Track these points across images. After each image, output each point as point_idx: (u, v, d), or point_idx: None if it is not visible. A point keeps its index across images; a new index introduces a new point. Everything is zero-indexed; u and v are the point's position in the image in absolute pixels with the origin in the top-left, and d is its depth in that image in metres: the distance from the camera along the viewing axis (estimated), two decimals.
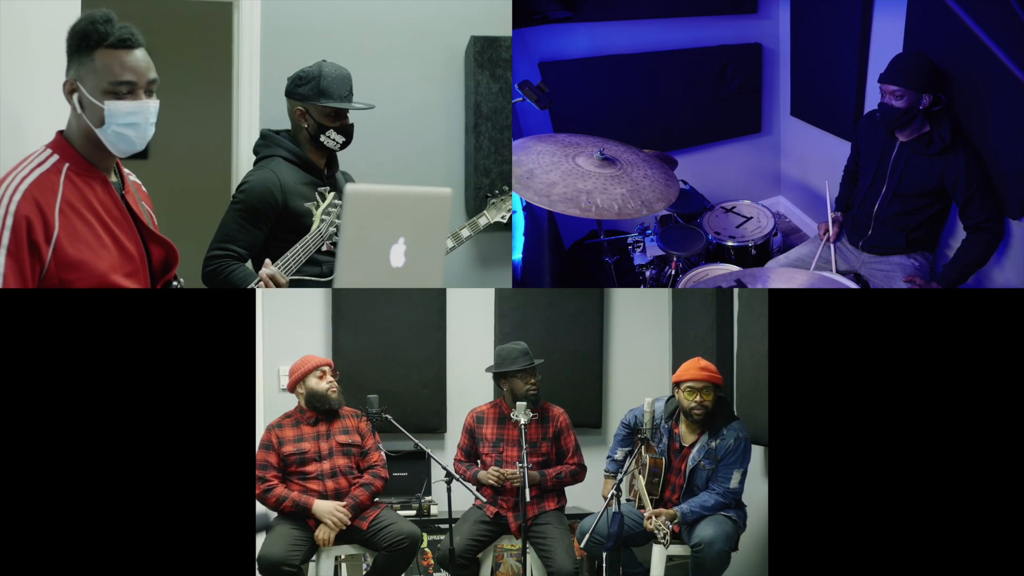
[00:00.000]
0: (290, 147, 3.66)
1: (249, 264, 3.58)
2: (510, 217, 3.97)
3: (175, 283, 2.63)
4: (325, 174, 3.74)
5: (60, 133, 2.48)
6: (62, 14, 2.99)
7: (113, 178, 2.53)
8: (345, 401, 3.74)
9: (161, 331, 2.45)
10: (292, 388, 3.73)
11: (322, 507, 3.53)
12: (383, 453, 3.75)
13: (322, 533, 3.50)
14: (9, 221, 2.27)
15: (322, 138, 3.64)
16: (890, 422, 2.52)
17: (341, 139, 3.67)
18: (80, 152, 2.43)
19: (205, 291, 2.65)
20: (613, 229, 4.60)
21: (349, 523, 3.53)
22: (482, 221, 3.86)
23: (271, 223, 3.54)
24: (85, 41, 2.36)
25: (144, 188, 2.71)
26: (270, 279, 3.10)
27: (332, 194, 3.33)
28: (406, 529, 3.57)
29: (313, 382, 3.67)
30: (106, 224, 2.42)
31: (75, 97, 2.39)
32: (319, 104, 3.61)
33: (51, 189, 2.35)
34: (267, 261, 3.17)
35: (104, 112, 2.36)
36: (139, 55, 2.39)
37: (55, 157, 2.41)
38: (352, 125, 3.70)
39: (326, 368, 3.69)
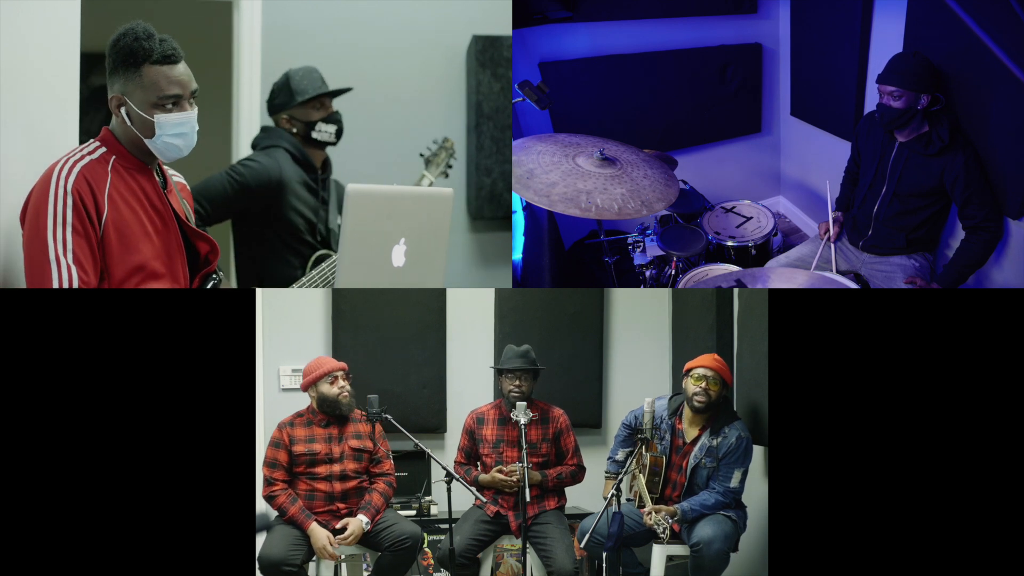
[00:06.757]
0: (293, 141, 3.69)
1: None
2: (447, 165, 3.97)
3: (214, 277, 2.69)
4: (320, 174, 3.75)
5: (107, 128, 2.58)
6: (61, 14, 2.99)
7: (155, 176, 2.62)
8: (356, 404, 3.71)
9: (161, 331, 2.45)
10: (305, 389, 3.72)
11: (317, 537, 3.47)
12: (392, 461, 3.75)
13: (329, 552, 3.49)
14: (69, 200, 2.39)
15: (314, 133, 3.67)
16: (890, 422, 2.52)
17: (332, 128, 3.70)
18: (127, 149, 2.55)
19: (205, 291, 2.66)
20: (613, 229, 4.61)
21: (337, 551, 3.49)
22: (425, 183, 3.88)
23: (249, 206, 3.56)
24: (131, 58, 2.48)
25: (189, 188, 2.84)
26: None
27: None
28: (408, 529, 3.56)
29: (324, 387, 3.63)
30: (150, 215, 2.53)
31: (123, 111, 2.51)
32: (297, 103, 3.65)
33: (101, 176, 2.48)
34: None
35: (154, 124, 2.49)
36: (182, 68, 2.53)
37: (103, 149, 2.53)
38: (338, 112, 3.73)
39: (338, 373, 3.65)
